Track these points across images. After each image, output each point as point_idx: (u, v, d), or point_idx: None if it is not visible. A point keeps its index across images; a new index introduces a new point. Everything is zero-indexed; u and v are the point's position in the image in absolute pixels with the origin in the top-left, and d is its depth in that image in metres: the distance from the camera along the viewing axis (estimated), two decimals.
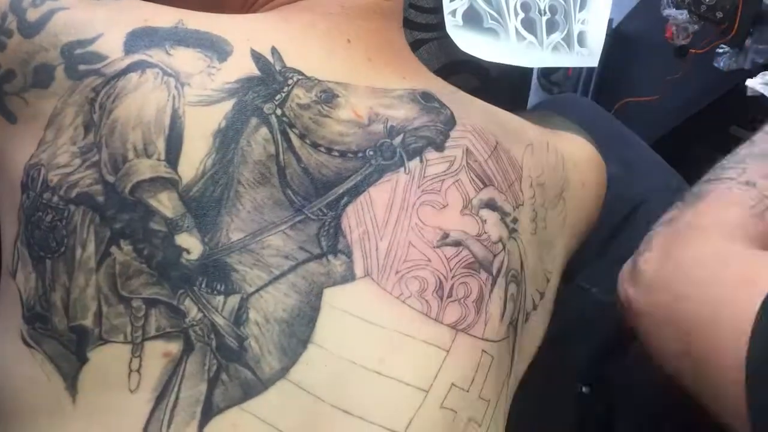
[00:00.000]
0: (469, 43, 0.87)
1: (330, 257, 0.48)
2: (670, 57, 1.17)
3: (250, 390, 0.45)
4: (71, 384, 0.45)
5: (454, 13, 0.88)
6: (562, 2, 0.94)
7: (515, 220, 0.55)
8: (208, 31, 0.50)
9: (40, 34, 0.48)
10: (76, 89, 0.47)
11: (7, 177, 0.49)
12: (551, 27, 0.93)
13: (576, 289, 0.71)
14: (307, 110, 0.50)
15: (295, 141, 0.49)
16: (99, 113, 0.47)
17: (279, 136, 0.49)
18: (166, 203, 0.46)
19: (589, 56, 0.96)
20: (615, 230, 0.76)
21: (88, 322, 0.45)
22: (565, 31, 0.94)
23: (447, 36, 0.87)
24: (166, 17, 0.50)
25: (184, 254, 0.46)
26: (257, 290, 0.46)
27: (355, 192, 0.50)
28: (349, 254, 0.48)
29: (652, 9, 1.23)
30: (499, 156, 0.56)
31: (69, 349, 0.45)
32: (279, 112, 0.49)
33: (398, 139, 0.52)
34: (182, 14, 0.51)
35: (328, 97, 0.51)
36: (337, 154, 0.50)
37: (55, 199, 0.46)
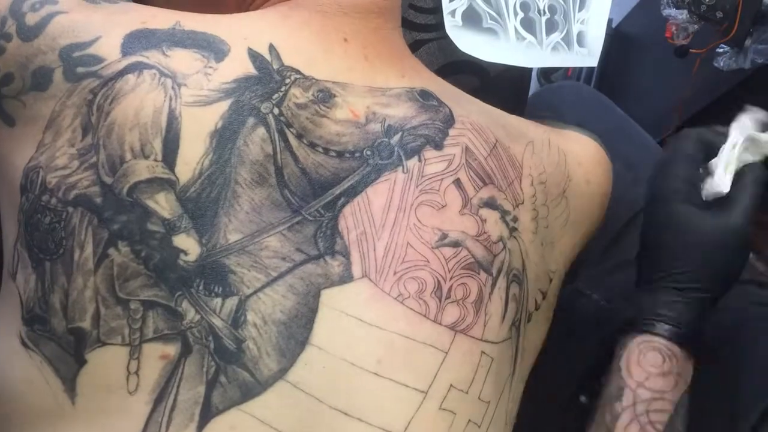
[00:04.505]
0: (469, 43, 0.87)
1: (327, 258, 0.48)
2: (670, 57, 1.17)
3: (248, 391, 0.45)
4: (70, 386, 0.45)
5: (453, 13, 0.88)
6: (562, 2, 0.94)
7: (515, 219, 0.55)
8: (205, 31, 0.50)
9: (38, 38, 0.48)
10: (74, 91, 0.47)
11: (7, 179, 0.49)
12: (550, 27, 0.93)
13: (576, 294, 0.70)
14: (305, 110, 0.50)
15: (293, 141, 0.49)
16: (97, 115, 0.47)
17: (276, 136, 0.49)
18: (163, 204, 0.46)
19: (588, 56, 0.95)
20: (617, 235, 0.75)
21: (86, 324, 0.45)
22: (565, 31, 0.93)
23: (446, 36, 0.86)
24: (164, 19, 0.50)
25: (182, 256, 0.45)
26: (255, 292, 0.46)
27: (353, 192, 0.49)
28: (346, 255, 0.48)
29: (652, 9, 1.23)
30: (498, 154, 0.56)
31: (67, 351, 0.45)
32: (276, 111, 0.49)
33: (396, 138, 0.51)
34: (179, 16, 0.51)
35: (325, 96, 0.51)
36: (334, 154, 0.50)
37: (54, 201, 0.46)
